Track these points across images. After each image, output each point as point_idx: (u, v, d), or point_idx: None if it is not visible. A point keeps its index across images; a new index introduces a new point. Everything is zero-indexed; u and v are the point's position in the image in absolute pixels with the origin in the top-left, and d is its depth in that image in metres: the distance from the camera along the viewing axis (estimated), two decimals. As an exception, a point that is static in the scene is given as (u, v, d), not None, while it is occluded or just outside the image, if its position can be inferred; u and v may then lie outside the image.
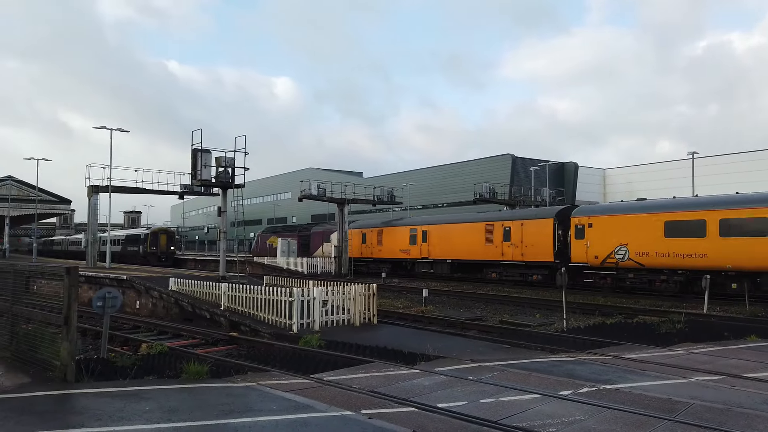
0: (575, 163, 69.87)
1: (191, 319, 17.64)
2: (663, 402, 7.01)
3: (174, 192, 34.24)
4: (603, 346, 12.13)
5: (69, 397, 7.19)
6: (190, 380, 8.43)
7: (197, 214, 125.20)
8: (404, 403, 6.95)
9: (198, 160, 23.23)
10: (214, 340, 14.32)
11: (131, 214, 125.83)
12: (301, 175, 69.68)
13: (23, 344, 9.07)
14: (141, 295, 20.71)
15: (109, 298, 10.27)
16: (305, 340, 12.30)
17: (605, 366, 9.64)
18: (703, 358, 10.67)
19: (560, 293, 16.95)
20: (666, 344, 12.40)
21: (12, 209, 61.80)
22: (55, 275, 8.73)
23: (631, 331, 14.54)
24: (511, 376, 8.49)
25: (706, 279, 18.63)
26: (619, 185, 70.38)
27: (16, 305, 9.45)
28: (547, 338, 13.68)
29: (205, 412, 6.45)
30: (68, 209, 79.02)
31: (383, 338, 12.86)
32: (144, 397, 7.12)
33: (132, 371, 9.13)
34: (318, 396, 7.26)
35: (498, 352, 11.54)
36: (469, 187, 47.84)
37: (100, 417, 6.18)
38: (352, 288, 15.41)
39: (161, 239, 56.07)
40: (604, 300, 22.67)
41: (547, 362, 9.99)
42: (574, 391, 7.57)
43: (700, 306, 19.19)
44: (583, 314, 18.92)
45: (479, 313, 19.62)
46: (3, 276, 10.23)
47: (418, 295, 23.61)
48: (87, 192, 33.15)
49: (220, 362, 10.61)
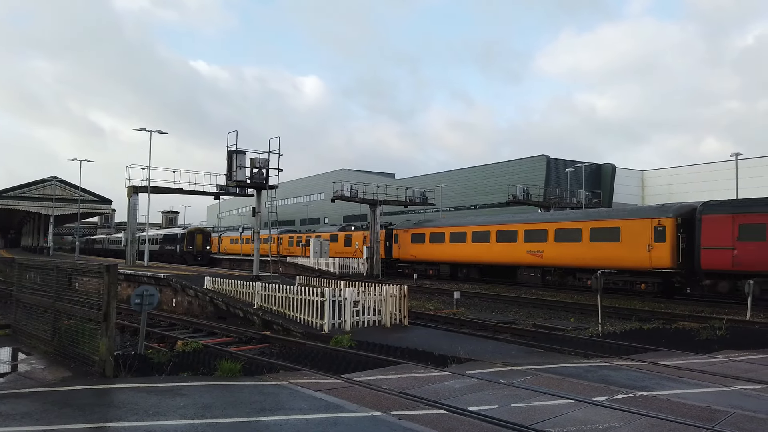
0: (612, 165, 68.46)
1: (225, 317, 17.94)
2: (702, 410, 6.80)
3: (210, 192, 34.92)
4: (639, 352, 11.84)
5: (107, 391, 7.39)
6: (223, 377, 8.58)
7: (233, 214, 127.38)
8: (434, 405, 6.91)
9: (233, 162, 23.62)
10: (247, 339, 14.53)
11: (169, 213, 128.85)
12: (333, 176, 70.17)
13: (65, 339, 9.38)
14: (177, 293, 21.16)
15: (146, 295, 10.53)
16: (336, 340, 12.37)
17: (642, 372, 9.40)
18: (745, 366, 10.31)
19: (595, 297, 16.61)
20: (706, 351, 12.02)
21: (56, 208, 64.03)
22: (96, 273, 8.99)
23: (669, 337, 14.15)
24: (543, 381, 8.36)
25: (750, 284, 18.01)
26: (659, 187, 68.63)
27: (58, 302, 9.79)
28: (581, 343, 13.43)
29: (238, 410, 6.55)
30: (109, 209, 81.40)
31: (414, 340, 12.83)
32: (179, 393, 7.27)
33: (168, 367, 9.34)
34: (348, 396, 7.29)
35: (531, 356, 11.38)
36: (502, 188, 47.33)
37: (137, 411, 6.34)
38: (383, 289, 15.43)
39: (197, 239, 57.22)
40: (641, 305, 22.11)
41: (581, 367, 9.81)
42: (609, 397, 7.40)
43: (742, 312, 18.55)
44: (619, 319, 18.51)
45: (512, 317, 19.40)
46: (47, 273, 10.61)
47: (450, 297, 23.50)
48: (127, 192, 34.10)
49: (252, 360, 10.76)
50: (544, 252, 29.30)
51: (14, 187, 67.73)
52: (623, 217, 26.40)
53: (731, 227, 22.00)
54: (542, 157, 65.32)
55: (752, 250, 21.10)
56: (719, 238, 22.18)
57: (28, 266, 12.20)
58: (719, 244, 22.15)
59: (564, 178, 53.76)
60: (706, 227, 22.64)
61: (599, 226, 27.04)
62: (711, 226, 22.53)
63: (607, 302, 19.29)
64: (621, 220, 26.30)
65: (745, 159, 47.49)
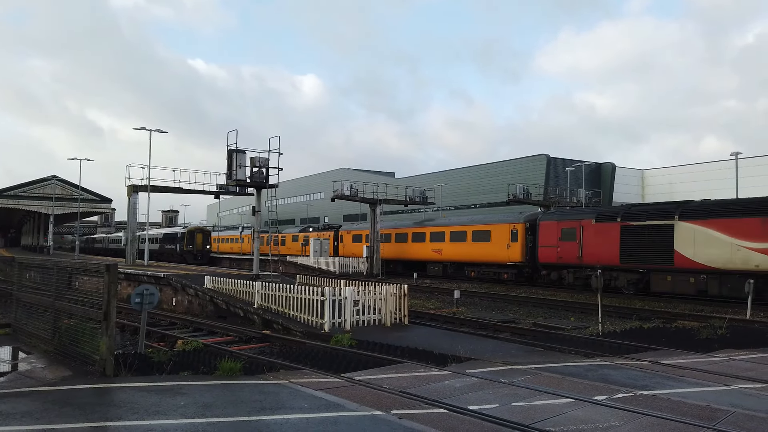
0: (612, 164, 68.44)
1: (225, 316, 17.95)
2: (702, 409, 6.80)
3: (210, 192, 34.92)
4: (640, 351, 11.84)
5: (108, 390, 7.39)
6: (223, 377, 8.58)
7: (232, 213, 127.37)
8: (435, 404, 6.92)
9: (233, 161, 23.61)
10: (248, 338, 14.53)
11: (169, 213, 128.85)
12: (333, 176, 70.14)
13: (65, 338, 9.37)
14: (177, 292, 21.17)
15: (146, 295, 10.52)
16: (336, 339, 12.37)
17: (642, 371, 9.41)
18: (745, 365, 10.31)
19: (596, 296, 16.62)
20: (706, 350, 12.02)
21: (56, 208, 64.03)
22: (96, 272, 8.99)
23: (669, 336, 14.16)
24: (544, 380, 8.36)
25: (750, 284, 18.03)
26: (659, 186, 68.58)
27: (58, 301, 9.78)
28: (581, 342, 13.44)
29: (239, 409, 6.55)
30: (109, 208, 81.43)
31: (414, 339, 12.83)
32: (179, 392, 7.27)
33: (168, 367, 9.34)
34: (348, 395, 7.29)
35: (531, 355, 11.39)
36: (502, 187, 47.35)
37: (137, 411, 6.34)
38: (383, 288, 15.43)
39: (197, 238, 57.20)
40: (641, 304, 22.14)
41: (581, 366, 9.81)
42: (609, 396, 7.40)
43: (743, 311, 18.56)
44: (619, 318, 18.51)
45: (512, 316, 19.40)
46: (47, 272, 10.61)
47: (450, 296, 23.51)
48: (126, 191, 34.08)
49: (253, 359, 10.77)
50: (443, 250, 36.68)
51: (14, 186, 67.75)
52: (493, 223, 33.74)
53: (557, 231, 29.03)
54: (542, 156, 65.29)
55: (569, 248, 28.16)
56: (549, 239, 29.26)
57: (28, 265, 12.20)
58: (549, 243, 29.28)
59: (564, 177, 53.75)
60: (542, 231, 29.77)
61: (478, 229, 34.41)
62: (544, 230, 29.63)
63: (607, 301, 19.29)
64: (491, 224, 33.62)
65: (745, 158, 47.49)
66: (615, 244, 26.21)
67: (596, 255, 26.85)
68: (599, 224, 27.30)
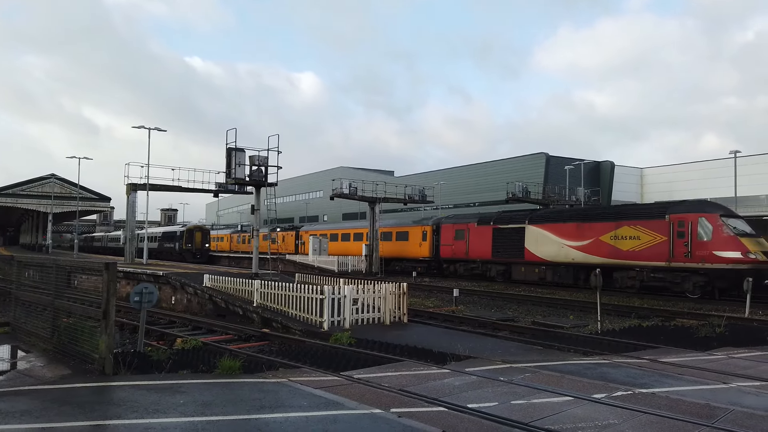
0: (611, 163, 68.46)
1: (224, 315, 17.95)
2: (701, 407, 6.81)
3: (209, 190, 34.85)
4: (639, 349, 11.86)
5: (107, 389, 7.39)
6: (223, 375, 8.58)
7: (231, 211, 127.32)
8: (434, 402, 6.92)
9: (232, 159, 23.57)
10: (247, 336, 14.53)
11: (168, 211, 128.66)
12: (332, 174, 70.13)
13: (64, 337, 9.37)
14: (176, 291, 21.16)
15: (145, 293, 10.52)
16: (335, 338, 12.37)
17: (641, 369, 9.42)
18: (744, 363, 10.33)
19: (594, 294, 16.63)
20: (705, 348, 12.04)
21: (55, 206, 63.96)
22: (95, 271, 8.99)
23: (668, 334, 14.18)
24: (543, 378, 8.37)
25: (748, 282, 18.06)
26: (658, 185, 68.60)
27: (57, 299, 9.78)
28: (580, 340, 13.45)
29: (238, 407, 6.55)
30: (108, 206, 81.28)
31: (413, 337, 12.84)
32: (179, 390, 7.27)
33: (167, 365, 9.34)
34: (348, 393, 7.29)
35: (530, 353, 11.40)
36: (501, 186, 47.38)
37: (137, 409, 6.34)
38: (382, 287, 15.43)
39: (196, 236, 57.18)
40: (640, 302, 22.18)
41: (580, 364, 9.82)
42: (609, 394, 7.41)
43: (741, 309, 18.59)
44: (618, 316, 18.54)
45: (511, 314, 19.41)
46: (46, 271, 10.60)
47: (449, 294, 23.52)
48: (126, 190, 34.04)
49: (252, 358, 10.77)
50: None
51: (13, 185, 67.64)
52: (410, 225, 41.87)
53: (452, 232, 36.31)
54: (541, 154, 65.29)
55: (460, 246, 35.42)
56: (447, 239, 36.70)
57: (27, 264, 12.19)
58: (447, 242, 36.69)
59: (563, 176, 53.77)
60: (443, 232, 37.29)
61: (400, 231, 42.36)
62: (444, 232, 37.19)
63: (606, 299, 19.32)
64: (409, 227, 41.73)
65: (744, 156, 47.47)
66: (489, 243, 33.29)
67: (478, 251, 34.00)
68: (479, 227, 34.28)
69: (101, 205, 75.31)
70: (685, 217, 24.48)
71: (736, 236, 23.31)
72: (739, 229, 23.90)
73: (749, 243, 23.30)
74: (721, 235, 23.42)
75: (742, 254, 22.77)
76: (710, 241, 23.46)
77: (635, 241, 25.94)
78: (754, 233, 24.63)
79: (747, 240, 23.44)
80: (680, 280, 24.39)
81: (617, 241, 26.63)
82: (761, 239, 24.47)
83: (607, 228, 27.24)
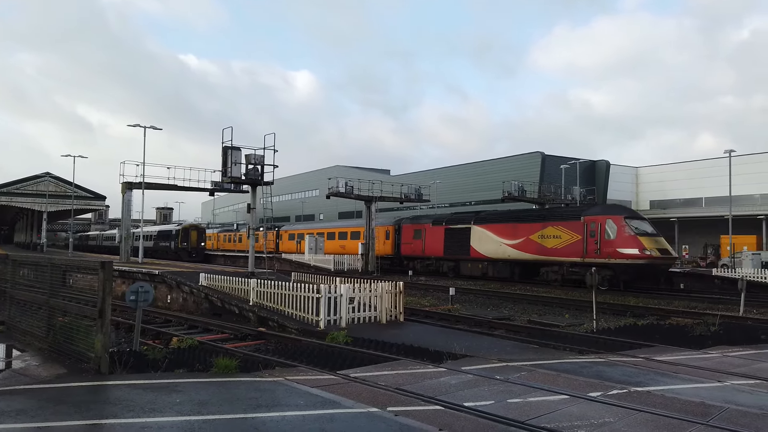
0: (607, 162, 68.60)
1: (220, 314, 17.92)
2: (696, 406, 6.85)
3: (205, 189, 34.77)
4: (634, 348, 11.91)
5: (103, 388, 7.37)
6: (219, 374, 8.57)
7: (227, 210, 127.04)
8: (431, 401, 6.93)
9: (228, 158, 23.53)
10: (243, 335, 14.52)
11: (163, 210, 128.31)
12: (328, 173, 70.07)
13: (59, 336, 9.34)
14: (172, 289, 21.12)
15: (141, 292, 10.49)
16: (332, 337, 12.37)
17: (636, 368, 9.46)
18: (738, 361, 10.39)
19: (590, 293, 16.69)
20: (700, 347, 12.10)
21: (49, 205, 63.69)
22: (91, 269, 8.96)
23: (663, 332, 14.23)
24: (539, 377, 8.39)
25: (743, 281, 18.15)
26: (653, 184, 68.81)
27: (53, 298, 9.74)
28: (576, 339, 13.49)
29: (234, 406, 6.55)
30: (103, 205, 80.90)
31: (410, 336, 12.85)
32: (175, 389, 7.26)
33: (163, 364, 9.32)
34: (344, 392, 7.30)
35: (526, 352, 11.42)
36: (498, 185, 47.47)
37: (133, 408, 6.33)
38: (378, 285, 15.44)
39: (192, 235, 57.04)
40: (635, 301, 22.26)
41: (576, 363, 9.85)
42: (604, 392, 7.44)
43: (736, 308, 18.69)
44: (613, 315, 18.60)
45: (507, 313, 19.46)
46: (41, 270, 10.56)
47: (445, 293, 23.53)
48: (121, 188, 33.90)
49: (248, 357, 10.75)
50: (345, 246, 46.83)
51: (7, 183, 67.23)
52: (377, 225, 42.77)
53: (411, 232, 39.99)
54: (537, 153, 65.38)
55: (418, 244, 39.05)
56: (407, 238, 40.34)
57: (21, 263, 12.14)
58: (407, 241, 40.36)
59: (559, 175, 53.89)
60: (403, 232, 41.14)
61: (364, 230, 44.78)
62: (404, 231, 40.92)
63: (601, 298, 19.37)
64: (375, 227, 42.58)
65: (739, 156, 47.63)
66: (441, 241, 36.77)
67: (432, 249, 37.60)
68: (434, 227, 37.78)
69: (96, 204, 74.93)
70: (596, 218, 27.85)
71: (636, 235, 26.50)
72: (640, 230, 27.07)
73: (647, 241, 26.42)
74: (623, 235, 26.66)
75: (640, 251, 26.00)
76: (615, 240, 26.77)
77: (557, 240, 29.42)
78: (654, 233, 27.78)
79: (645, 239, 26.54)
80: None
81: (543, 240, 30.10)
82: (659, 238, 27.68)
83: (536, 228, 30.75)
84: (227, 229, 75.71)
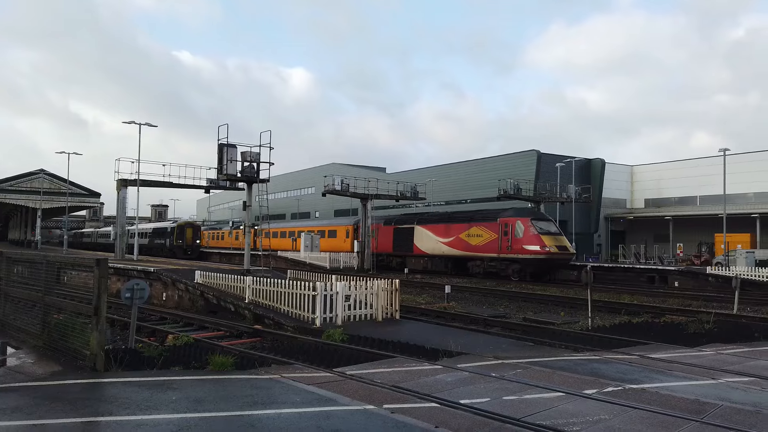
0: (602, 160, 68.71)
1: (216, 311, 17.89)
2: (690, 403, 6.89)
3: (200, 186, 34.65)
4: (629, 346, 11.96)
5: (98, 385, 7.36)
6: (215, 371, 8.56)
7: (222, 208, 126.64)
8: (426, 398, 6.95)
9: (224, 155, 23.49)
10: (239, 333, 14.50)
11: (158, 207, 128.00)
12: (324, 170, 69.84)
13: (54, 333, 9.30)
14: (167, 287, 21.07)
15: (137, 289, 10.46)
16: (328, 334, 12.37)
17: (631, 365, 9.50)
18: (733, 359, 10.45)
19: (585, 291, 16.74)
20: (694, 344, 12.17)
21: (44, 202, 63.39)
22: (86, 267, 8.93)
23: (658, 330, 14.30)
24: (534, 374, 8.42)
25: (737, 279, 18.24)
26: (648, 182, 69.02)
27: (47, 295, 9.70)
28: (571, 336, 13.54)
29: (230, 403, 6.54)
30: (98, 202, 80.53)
31: (406, 333, 12.86)
32: (171, 387, 7.26)
33: (159, 362, 9.29)
34: (341, 390, 7.31)
35: (521, 349, 11.46)
36: (493, 183, 47.53)
37: (129, 406, 6.32)
38: (374, 283, 15.44)
39: (187, 232, 56.94)
40: (630, 298, 22.36)
41: (571, 360, 9.89)
42: (599, 390, 7.48)
43: (730, 306, 18.79)
44: (608, 313, 18.67)
45: (503, 311, 19.50)
46: (35, 267, 10.51)
47: (441, 291, 23.58)
48: (116, 185, 33.80)
49: (244, 354, 10.74)
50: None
51: (1, 180, 66.88)
52: (338, 225, 50.23)
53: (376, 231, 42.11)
54: (533, 152, 65.40)
55: (381, 241, 42.04)
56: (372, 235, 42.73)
57: (16, 260, 12.08)
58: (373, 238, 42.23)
59: (554, 173, 53.97)
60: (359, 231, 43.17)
61: (331, 229, 50.54)
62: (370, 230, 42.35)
63: (596, 296, 19.44)
64: (338, 226, 50.11)
65: (733, 155, 47.82)
66: (390, 240, 41.84)
67: (383, 246, 41.94)
68: (385, 227, 42.63)
69: (91, 201, 74.52)
70: (508, 220, 33.24)
71: (539, 234, 31.83)
72: (543, 230, 32.41)
73: (547, 239, 31.86)
74: (529, 234, 32.02)
75: (541, 248, 31.37)
76: (522, 238, 32.09)
77: (480, 238, 34.83)
78: (556, 232, 33.33)
79: (547, 237, 31.97)
80: (505, 267, 33.41)
81: (469, 238, 35.49)
82: (560, 237, 33.25)
83: (464, 228, 36.07)
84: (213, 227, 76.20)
